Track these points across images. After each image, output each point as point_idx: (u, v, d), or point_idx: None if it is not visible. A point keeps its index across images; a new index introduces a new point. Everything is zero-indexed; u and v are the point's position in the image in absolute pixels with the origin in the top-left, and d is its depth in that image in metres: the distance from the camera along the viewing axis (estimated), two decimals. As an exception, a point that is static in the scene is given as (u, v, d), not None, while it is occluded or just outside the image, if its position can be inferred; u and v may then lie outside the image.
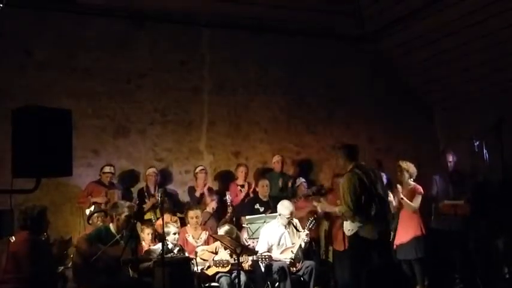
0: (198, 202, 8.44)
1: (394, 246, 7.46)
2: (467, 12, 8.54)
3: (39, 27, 8.68)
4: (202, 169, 8.89)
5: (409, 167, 7.59)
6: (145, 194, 8.55)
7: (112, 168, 8.44)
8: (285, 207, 7.37)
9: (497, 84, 9.42)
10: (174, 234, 7.14)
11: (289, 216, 7.33)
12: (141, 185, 8.93)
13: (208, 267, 7.05)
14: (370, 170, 6.41)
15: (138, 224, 7.75)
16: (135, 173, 9.13)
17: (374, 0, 9.57)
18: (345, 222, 6.47)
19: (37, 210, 5.68)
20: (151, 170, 8.73)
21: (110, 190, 8.23)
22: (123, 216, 6.26)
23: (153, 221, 7.94)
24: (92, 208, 7.83)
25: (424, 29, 9.34)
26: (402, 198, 7.41)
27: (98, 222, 7.42)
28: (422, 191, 7.53)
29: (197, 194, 8.65)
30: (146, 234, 7.33)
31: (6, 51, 8.49)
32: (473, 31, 8.79)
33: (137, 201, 8.35)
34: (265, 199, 8.50)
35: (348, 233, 6.39)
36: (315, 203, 7.69)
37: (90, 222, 7.62)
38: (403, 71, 10.76)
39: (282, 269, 7.00)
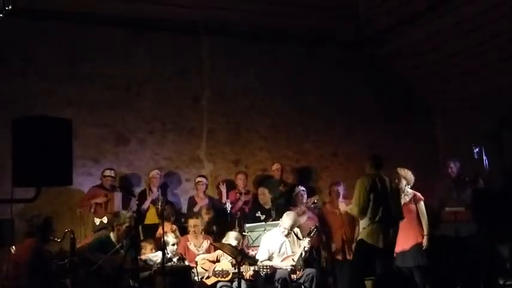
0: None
1: (394, 254, 7.45)
2: (466, 18, 8.55)
3: (39, 36, 8.69)
4: (201, 181, 8.84)
5: (407, 174, 7.64)
6: (147, 195, 8.53)
7: (112, 172, 8.43)
8: (289, 218, 7.37)
9: (497, 89, 9.42)
10: (173, 245, 7.12)
11: (289, 228, 7.34)
12: (142, 188, 8.95)
13: (208, 277, 7.04)
14: (387, 181, 6.67)
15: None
16: (135, 176, 9.15)
17: (373, 6, 9.59)
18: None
19: (43, 218, 5.73)
20: (154, 172, 8.72)
21: (111, 193, 8.23)
22: (123, 226, 6.28)
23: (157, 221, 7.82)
24: (105, 219, 7.82)
25: (424, 33, 9.34)
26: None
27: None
28: (422, 197, 7.58)
29: (196, 208, 8.58)
30: (149, 250, 7.27)
31: (7, 59, 8.53)
32: (473, 36, 8.80)
33: (137, 201, 8.36)
34: (267, 206, 8.48)
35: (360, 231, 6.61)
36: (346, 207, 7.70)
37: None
38: (403, 76, 10.76)
39: (283, 279, 7.00)
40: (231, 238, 7.32)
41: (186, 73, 9.62)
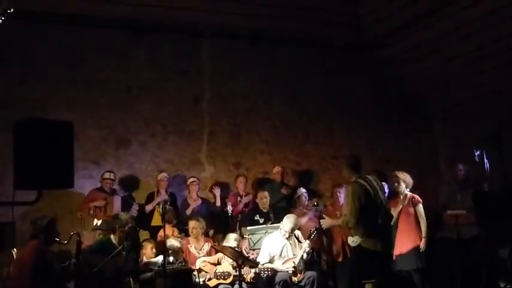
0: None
1: (393, 257, 7.43)
2: (465, 23, 8.57)
3: (39, 38, 8.70)
4: (194, 181, 8.79)
5: (406, 177, 7.62)
6: (155, 197, 8.51)
7: (112, 174, 8.41)
8: (289, 221, 7.38)
9: (497, 93, 9.43)
10: (176, 251, 7.10)
11: (289, 231, 7.35)
12: (141, 191, 8.94)
13: (209, 279, 7.04)
14: (373, 181, 6.41)
15: (142, 236, 7.76)
16: (135, 179, 9.12)
17: (373, 10, 9.60)
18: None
19: (46, 220, 5.73)
20: (162, 175, 8.70)
21: (111, 196, 8.21)
22: (126, 228, 6.28)
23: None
24: (99, 222, 7.81)
25: (423, 38, 9.36)
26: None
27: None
28: (421, 199, 7.57)
29: (188, 211, 8.54)
30: (149, 248, 7.28)
31: (7, 62, 8.53)
32: (473, 40, 8.82)
33: (137, 207, 8.34)
34: (265, 210, 8.46)
35: (352, 244, 6.40)
36: (321, 221, 7.66)
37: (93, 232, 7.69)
38: (402, 80, 10.77)
39: (283, 281, 7.00)
40: (231, 240, 7.34)
41: (186, 75, 9.62)
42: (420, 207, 7.54)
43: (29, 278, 5.33)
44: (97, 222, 7.87)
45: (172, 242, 7.07)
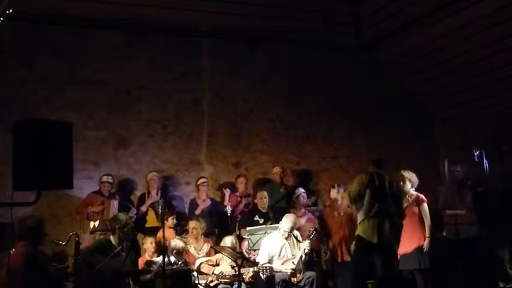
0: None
1: (398, 256, 7.44)
2: (466, 23, 8.57)
3: (39, 40, 8.70)
4: (204, 182, 8.81)
5: (411, 176, 7.63)
6: (146, 198, 8.50)
7: (110, 177, 8.40)
8: (288, 220, 7.39)
9: (496, 94, 9.43)
10: (181, 252, 7.09)
11: (288, 231, 7.36)
12: (139, 193, 8.91)
13: (211, 281, 7.03)
14: (386, 178, 6.72)
15: (140, 235, 7.75)
16: (132, 181, 9.12)
17: (373, 11, 9.60)
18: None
19: (35, 221, 5.67)
20: (152, 174, 8.67)
21: (108, 200, 8.19)
22: (126, 228, 6.28)
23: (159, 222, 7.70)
24: (97, 223, 7.80)
25: (423, 39, 9.36)
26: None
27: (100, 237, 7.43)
28: (425, 199, 7.57)
29: (197, 211, 8.54)
30: (149, 243, 7.30)
31: (7, 64, 8.53)
32: (473, 41, 8.82)
33: (135, 211, 8.31)
34: (264, 210, 8.45)
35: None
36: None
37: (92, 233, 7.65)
38: (403, 81, 10.77)
39: (283, 281, 7.00)
40: (227, 243, 7.32)
41: (186, 76, 9.61)
42: (425, 206, 7.53)
43: (22, 279, 5.32)
44: (94, 224, 7.86)
45: (177, 242, 7.07)
